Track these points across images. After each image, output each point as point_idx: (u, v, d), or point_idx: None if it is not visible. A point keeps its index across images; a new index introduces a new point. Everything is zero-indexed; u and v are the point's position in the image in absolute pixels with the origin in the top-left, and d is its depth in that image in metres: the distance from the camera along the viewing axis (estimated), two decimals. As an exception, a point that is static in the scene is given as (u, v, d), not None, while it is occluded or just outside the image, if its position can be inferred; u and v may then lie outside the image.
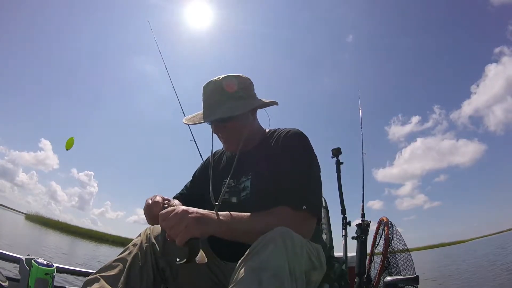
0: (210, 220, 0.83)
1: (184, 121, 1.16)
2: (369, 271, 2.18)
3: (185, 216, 0.80)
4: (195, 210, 0.83)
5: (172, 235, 0.79)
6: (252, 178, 1.08)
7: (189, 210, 0.82)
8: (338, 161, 2.33)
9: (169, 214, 0.81)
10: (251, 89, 1.15)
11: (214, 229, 0.83)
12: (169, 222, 0.79)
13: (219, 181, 1.17)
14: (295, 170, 1.00)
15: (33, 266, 1.12)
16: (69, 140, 1.44)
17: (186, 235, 0.78)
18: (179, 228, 0.78)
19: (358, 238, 2.17)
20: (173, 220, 0.79)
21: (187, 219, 0.79)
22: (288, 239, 0.73)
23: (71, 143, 1.44)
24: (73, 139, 1.44)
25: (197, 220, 0.80)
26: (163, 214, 0.82)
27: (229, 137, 1.12)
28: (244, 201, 1.06)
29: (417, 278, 1.70)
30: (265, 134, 1.19)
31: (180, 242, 0.78)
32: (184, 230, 0.78)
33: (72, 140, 1.44)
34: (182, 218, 0.79)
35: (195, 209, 0.84)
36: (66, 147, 1.43)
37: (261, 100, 1.14)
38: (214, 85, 1.08)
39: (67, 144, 1.43)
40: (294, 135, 1.09)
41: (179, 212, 0.80)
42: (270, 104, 1.15)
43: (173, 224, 0.79)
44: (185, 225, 0.78)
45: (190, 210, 0.82)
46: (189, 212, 0.81)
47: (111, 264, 0.98)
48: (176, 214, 0.80)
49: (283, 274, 0.67)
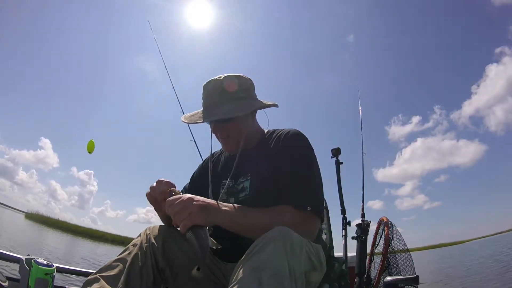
0: (214, 210, 0.85)
1: (182, 119, 1.15)
2: (369, 271, 2.18)
3: (190, 203, 0.82)
4: (201, 198, 0.86)
5: (176, 221, 0.82)
6: (252, 178, 1.08)
7: (194, 198, 0.84)
8: (338, 161, 2.32)
9: (175, 201, 0.83)
10: (252, 90, 1.14)
11: (218, 218, 0.85)
12: (174, 208, 0.82)
13: (217, 182, 1.17)
14: (296, 170, 1.00)
15: (33, 266, 1.13)
16: (90, 143, 1.44)
17: (189, 222, 0.80)
18: (183, 215, 0.80)
19: (358, 238, 2.17)
20: (177, 207, 0.82)
21: (191, 206, 0.81)
22: (288, 239, 0.73)
23: (92, 146, 1.44)
24: (93, 142, 1.44)
25: (201, 208, 0.82)
26: (169, 200, 0.85)
27: (229, 138, 1.11)
28: (242, 202, 1.06)
29: (417, 278, 1.69)
30: (264, 135, 1.19)
31: (183, 228, 0.80)
32: (188, 217, 0.80)
33: (92, 143, 1.44)
34: (186, 205, 0.81)
35: (200, 198, 0.86)
36: (88, 151, 1.43)
37: (261, 102, 1.13)
38: (214, 85, 1.07)
39: (88, 148, 1.43)
40: (294, 136, 1.09)
41: (185, 200, 0.83)
42: (270, 106, 1.14)
43: (178, 211, 0.81)
44: (189, 212, 0.80)
45: (196, 198, 0.85)
46: (194, 200, 0.84)
47: (111, 264, 0.99)
48: (182, 201, 0.83)
49: (283, 274, 0.67)
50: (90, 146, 1.44)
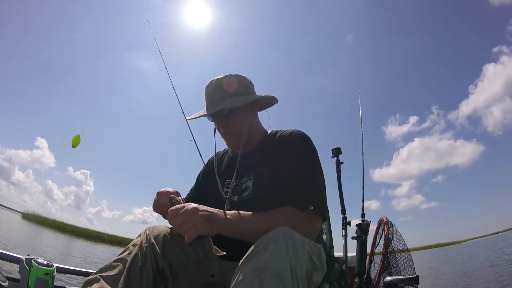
0: (219, 219, 0.84)
1: (187, 118, 1.22)
2: (369, 271, 2.17)
3: (195, 214, 0.80)
4: (205, 208, 0.84)
5: (181, 232, 0.80)
6: (255, 178, 1.09)
7: (199, 208, 0.82)
8: (338, 161, 2.32)
9: (178, 211, 0.81)
10: (251, 88, 1.19)
11: (223, 228, 0.84)
12: (178, 219, 0.80)
13: (221, 181, 1.18)
14: (299, 170, 1.00)
15: (33, 266, 1.12)
16: (75, 138, 1.42)
17: (195, 234, 0.79)
18: (187, 226, 0.79)
19: (358, 238, 2.17)
20: (182, 218, 0.80)
21: (196, 218, 0.80)
22: (289, 239, 0.73)
23: (77, 141, 1.43)
24: (80, 137, 1.43)
25: (206, 218, 0.81)
26: (173, 210, 0.83)
27: (230, 132, 1.15)
28: (246, 201, 1.07)
29: (417, 278, 1.70)
30: (266, 135, 1.21)
31: (189, 239, 0.79)
32: (193, 228, 0.79)
33: (78, 137, 1.43)
34: (191, 217, 0.80)
35: (204, 207, 0.84)
36: (72, 145, 1.42)
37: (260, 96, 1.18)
38: (216, 83, 1.13)
39: (73, 142, 1.42)
40: (297, 136, 1.11)
41: (189, 210, 0.81)
42: (270, 100, 1.20)
43: (182, 222, 0.80)
44: (194, 223, 0.79)
45: (200, 208, 0.83)
46: (199, 210, 0.82)
47: (111, 264, 0.98)
48: (186, 212, 0.81)
49: (284, 274, 0.67)
50: (75, 141, 1.42)
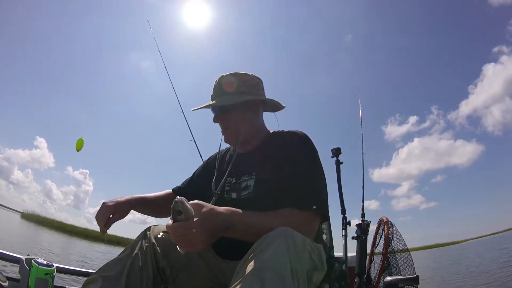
0: (221, 231, 0.78)
1: (192, 109, 1.25)
2: (369, 271, 2.17)
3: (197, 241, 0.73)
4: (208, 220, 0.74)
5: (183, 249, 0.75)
6: (256, 177, 1.09)
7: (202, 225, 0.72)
8: (338, 161, 2.32)
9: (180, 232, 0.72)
10: (257, 88, 1.18)
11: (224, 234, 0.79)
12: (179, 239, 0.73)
13: (221, 177, 1.17)
14: (300, 171, 1.00)
15: (33, 266, 1.12)
16: (79, 141, 1.43)
17: (196, 250, 0.75)
18: (186, 247, 0.74)
19: (358, 238, 2.16)
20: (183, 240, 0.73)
21: (199, 245, 0.73)
22: (290, 239, 0.73)
23: (81, 144, 1.43)
24: (83, 140, 1.43)
25: (207, 239, 0.74)
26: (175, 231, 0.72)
27: (227, 128, 1.16)
28: (245, 200, 1.07)
29: (417, 278, 1.70)
30: (269, 135, 1.22)
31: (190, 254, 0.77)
32: (192, 247, 0.73)
33: (81, 140, 1.43)
34: (194, 244, 0.73)
35: (208, 225, 0.74)
36: (76, 148, 1.42)
37: (265, 98, 1.19)
38: (220, 80, 1.15)
39: (77, 145, 1.43)
40: (298, 137, 1.11)
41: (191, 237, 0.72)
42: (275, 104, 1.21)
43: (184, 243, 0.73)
44: (196, 242, 0.72)
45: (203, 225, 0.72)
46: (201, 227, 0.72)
47: (111, 264, 0.98)
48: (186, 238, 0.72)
49: (285, 274, 0.67)
50: (78, 144, 1.43)
